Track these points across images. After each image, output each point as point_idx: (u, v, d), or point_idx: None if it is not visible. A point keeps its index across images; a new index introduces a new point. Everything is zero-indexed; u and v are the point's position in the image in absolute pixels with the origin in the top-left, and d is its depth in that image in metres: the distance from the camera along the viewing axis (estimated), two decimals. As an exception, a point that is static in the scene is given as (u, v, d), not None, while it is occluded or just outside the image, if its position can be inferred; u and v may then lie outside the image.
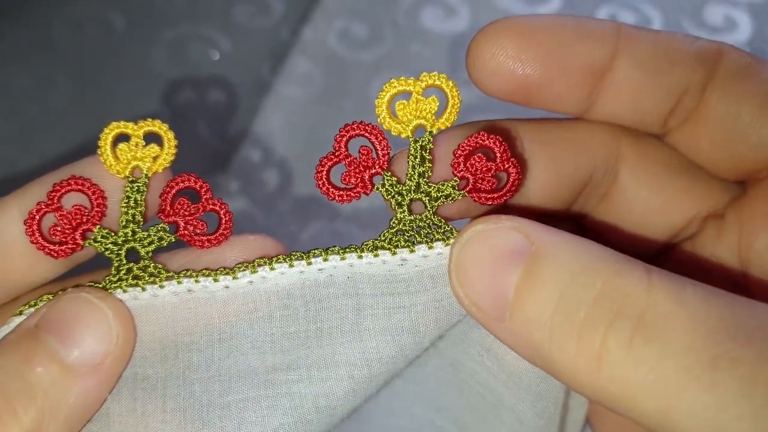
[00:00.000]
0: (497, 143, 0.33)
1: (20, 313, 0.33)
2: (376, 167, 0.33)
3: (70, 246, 0.33)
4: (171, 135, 0.34)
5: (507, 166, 0.33)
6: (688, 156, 0.37)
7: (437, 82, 0.34)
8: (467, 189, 0.33)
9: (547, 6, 0.88)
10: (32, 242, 0.33)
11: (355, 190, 0.33)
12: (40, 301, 0.33)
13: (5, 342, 0.31)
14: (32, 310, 0.33)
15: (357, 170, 0.33)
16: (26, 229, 0.32)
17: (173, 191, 0.34)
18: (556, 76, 0.35)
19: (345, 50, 0.86)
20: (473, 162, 0.33)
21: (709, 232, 0.37)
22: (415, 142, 0.33)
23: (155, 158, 0.34)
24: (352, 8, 0.88)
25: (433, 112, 0.33)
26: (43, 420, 0.30)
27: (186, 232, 0.34)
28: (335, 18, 0.87)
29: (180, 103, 0.82)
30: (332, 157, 0.34)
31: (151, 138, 0.34)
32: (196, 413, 0.33)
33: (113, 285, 0.33)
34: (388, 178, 0.33)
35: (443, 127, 0.34)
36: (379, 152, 0.33)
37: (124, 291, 0.33)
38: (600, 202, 0.39)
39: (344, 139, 0.34)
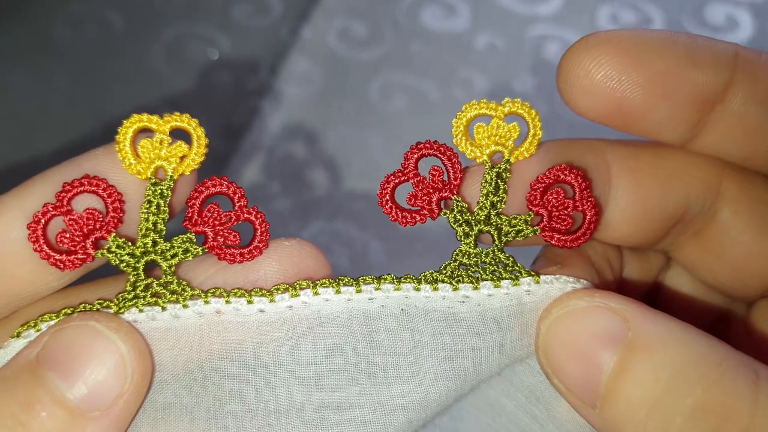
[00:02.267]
0: (578, 179, 0.31)
1: (18, 335, 0.29)
2: (446, 191, 0.31)
3: (79, 256, 0.29)
4: (201, 132, 0.30)
5: (585, 206, 0.31)
6: None
7: (519, 110, 0.31)
8: (541, 226, 0.31)
9: (548, 5, 0.87)
10: (36, 250, 0.28)
11: (420, 212, 0.31)
12: (41, 321, 0.29)
13: (2, 380, 0.27)
14: (32, 331, 0.29)
15: (425, 192, 0.31)
16: (30, 234, 0.28)
17: (202, 197, 0.30)
18: (659, 102, 0.31)
19: (345, 50, 0.85)
20: (550, 197, 0.31)
21: None
22: (491, 168, 0.31)
23: (182, 158, 0.29)
24: (351, 7, 0.88)
25: (513, 139, 0.31)
26: None
27: (215, 243, 0.29)
28: (335, 17, 0.87)
29: (179, 103, 0.82)
30: (399, 174, 0.31)
31: (177, 135, 0.30)
32: None
33: (128, 303, 0.29)
34: (459, 204, 0.31)
35: (522, 157, 0.31)
36: (451, 175, 0.31)
37: (141, 310, 0.29)
38: (692, 241, 0.35)
39: (415, 157, 0.31)
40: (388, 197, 0.31)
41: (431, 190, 0.31)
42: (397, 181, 0.31)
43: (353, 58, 0.85)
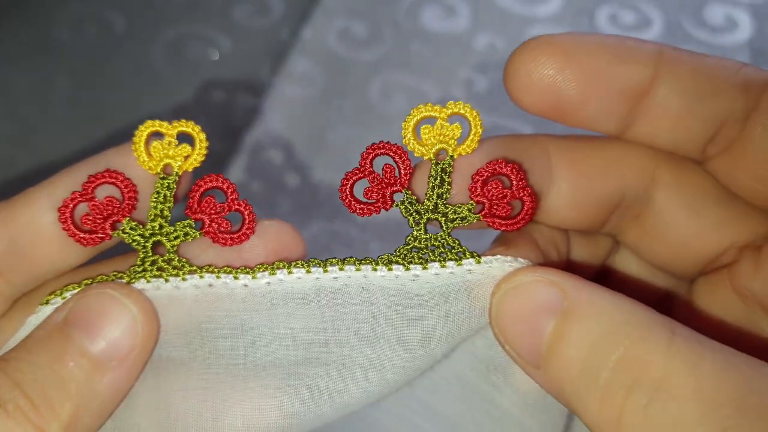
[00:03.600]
0: (514, 171, 0.34)
1: (47, 302, 0.34)
2: (398, 185, 0.35)
3: (99, 235, 0.34)
4: (203, 136, 0.35)
5: (522, 194, 0.34)
6: (726, 185, 0.37)
7: (462, 111, 0.35)
8: (482, 213, 0.35)
9: (547, 6, 0.88)
10: (64, 229, 0.34)
11: (375, 205, 0.35)
12: (66, 291, 0.34)
13: (36, 338, 0.32)
14: (58, 299, 0.34)
15: (379, 186, 0.35)
16: (59, 216, 0.34)
17: (201, 190, 0.35)
18: (592, 96, 0.35)
19: (345, 50, 0.86)
20: (490, 187, 0.35)
21: (745, 263, 0.37)
22: (437, 164, 0.35)
23: (186, 158, 0.35)
24: (352, 8, 0.88)
25: (456, 137, 0.35)
26: (78, 412, 0.31)
27: (211, 229, 0.35)
28: (335, 17, 0.87)
29: (179, 103, 0.82)
30: (357, 172, 0.35)
31: (183, 138, 0.36)
32: (218, 393, 0.35)
33: (137, 275, 0.35)
34: (408, 196, 0.35)
35: (464, 153, 0.35)
36: (402, 171, 0.35)
37: (148, 281, 0.34)
38: (633, 224, 0.39)
39: (370, 156, 0.35)
40: (347, 192, 0.35)
41: (384, 185, 0.35)
42: (354, 178, 0.35)
43: (353, 58, 0.85)
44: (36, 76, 0.83)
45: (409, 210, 0.35)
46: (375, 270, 0.34)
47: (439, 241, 0.35)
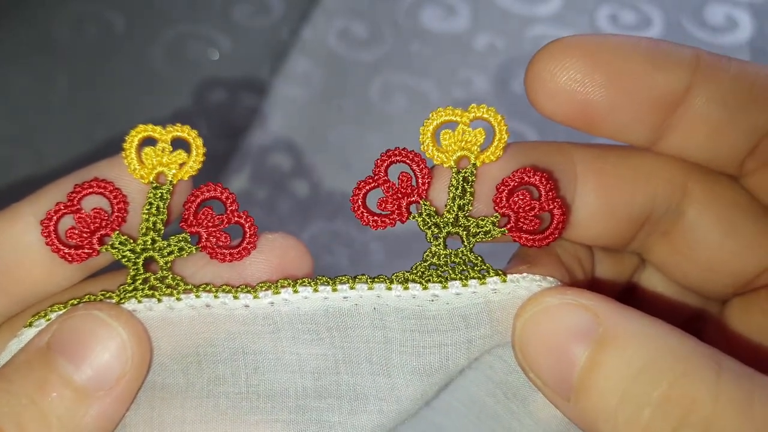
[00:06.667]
0: (543, 181, 0.32)
1: (30, 325, 0.31)
2: (415, 195, 0.32)
3: (86, 251, 0.32)
4: (200, 142, 0.33)
5: (552, 206, 0.32)
6: (764, 201, 0.34)
7: (485, 115, 0.32)
8: (508, 227, 0.32)
9: (548, 5, 0.87)
10: (47, 244, 0.31)
11: (390, 217, 0.32)
12: (51, 311, 0.32)
13: (16, 365, 0.30)
14: (43, 321, 0.31)
15: (395, 197, 0.32)
16: (42, 229, 0.31)
17: (198, 200, 0.32)
18: (622, 104, 0.32)
19: (345, 50, 0.86)
20: (516, 199, 0.32)
21: None
22: (458, 173, 0.32)
23: (181, 165, 0.33)
24: (352, 8, 0.88)
25: (478, 144, 0.32)
26: None
27: (208, 243, 0.32)
28: (335, 17, 0.87)
29: (179, 103, 0.82)
30: (370, 180, 0.32)
31: (178, 144, 0.33)
32: (219, 427, 0.32)
33: (128, 294, 0.32)
34: (427, 207, 0.32)
35: (488, 161, 0.32)
36: (420, 180, 0.32)
37: (139, 301, 0.32)
38: (661, 241, 0.36)
39: (385, 164, 0.32)
40: (359, 203, 0.32)
41: (400, 195, 0.32)
42: (367, 187, 0.32)
43: (353, 58, 0.85)
44: (36, 76, 0.83)
45: (428, 223, 0.32)
46: (389, 289, 0.32)
47: (460, 258, 0.32)
